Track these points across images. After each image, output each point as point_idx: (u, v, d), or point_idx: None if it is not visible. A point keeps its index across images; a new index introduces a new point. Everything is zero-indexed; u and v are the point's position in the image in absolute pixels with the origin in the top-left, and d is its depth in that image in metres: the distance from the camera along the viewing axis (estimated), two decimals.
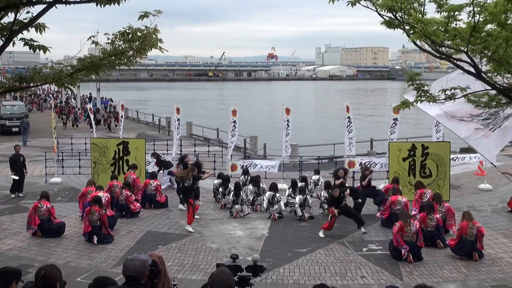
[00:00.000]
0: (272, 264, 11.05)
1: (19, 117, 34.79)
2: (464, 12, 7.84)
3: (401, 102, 10.44)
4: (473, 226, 11.44)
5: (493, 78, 9.11)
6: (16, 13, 7.88)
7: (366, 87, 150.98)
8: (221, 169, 19.49)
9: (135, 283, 4.66)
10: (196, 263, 11.37)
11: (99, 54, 9.34)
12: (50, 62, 11.92)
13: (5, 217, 14.98)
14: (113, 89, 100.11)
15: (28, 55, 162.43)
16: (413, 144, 16.92)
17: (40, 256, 11.77)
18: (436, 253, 11.82)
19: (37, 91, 66.39)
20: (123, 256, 11.52)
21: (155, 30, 9.05)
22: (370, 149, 26.37)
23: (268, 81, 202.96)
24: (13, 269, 5.93)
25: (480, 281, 10.29)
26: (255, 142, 26.98)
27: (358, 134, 20.14)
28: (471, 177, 19.86)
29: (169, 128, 34.48)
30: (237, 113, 19.05)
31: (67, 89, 10.30)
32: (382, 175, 18.09)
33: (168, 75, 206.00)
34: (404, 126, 45.36)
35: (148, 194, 16.05)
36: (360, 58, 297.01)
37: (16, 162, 17.61)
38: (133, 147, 17.71)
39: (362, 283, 10.33)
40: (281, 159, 19.28)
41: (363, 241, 12.86)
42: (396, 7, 8.02)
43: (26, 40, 8.71)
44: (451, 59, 9.11)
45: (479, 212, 15.20)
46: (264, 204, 15.09)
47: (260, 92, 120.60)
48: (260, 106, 73.72)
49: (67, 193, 17.91)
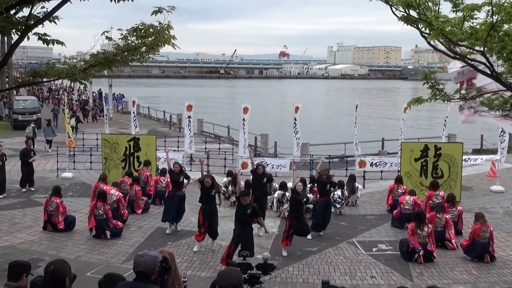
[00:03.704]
0: (281, 262, 11.03)
1: (31, 111, 35.04)
2: (481, 11, 7.76)
3: (413, 98, 10.32)
4: (487, 229, 11.32)
5: (508, 79, 9.01)
6: (31, 8, 7.92)
7: (378, 87, 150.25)
8: (231, 166, 19.50)
9: (146, 279, 4.67)
10: (205, 260, 11.37)
11: (112, 49, 9.35)
12: (63, 58, 11.98)
13: (17, 211, 15.09)
14: (125, 85, 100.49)
15: (41, 50, 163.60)
16: (426, 145, 16.79)
17: (50, 250, 11.83)
18: (446, 255, 11.73)
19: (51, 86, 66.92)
20: (133, 251, 11.55)
21: (168, 26, 9.04)
22: (381, 149, 26.26)
23: (280, 79, 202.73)
24: (24, 263, 5.99)
25: (491, 284, 10.19)
26: (265, 140, 26.95)
27: (369, 133, 20.11)
28: (483, 179, 19.69)
29: (180, 125, 34.57)
30: (248, 111, 18.94)
31: (82, 84, 10.35)
32: (393, 175, 18.00)
33: (179, 72, 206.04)
34: (416, 127, 45.18)
35: (158, 190, 16.10)
36: (372, 57, 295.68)
37: (26, 157, 17.70)
38: (144, 144, 17.75)
39: (372, 283, 10.28)
40: (292, 157, 19.25)
41: (373, 241, 12.79)
42: (413, 2, 7.95)
43: (40, 34, 8.76)
44: (466, 59, 9.03)
45: (491, 214, 15.05)
46: (274, 203, 15.07)
47: (272, 90, 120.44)
48: (271, 104, 73.62)
49: (78, 188, 18.00)
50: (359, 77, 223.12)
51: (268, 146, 26.74)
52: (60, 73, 9.28)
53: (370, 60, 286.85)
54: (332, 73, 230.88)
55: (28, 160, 17.63)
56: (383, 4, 8.56)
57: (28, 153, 17.83)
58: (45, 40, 8.73)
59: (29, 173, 17.69)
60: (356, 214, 15.30)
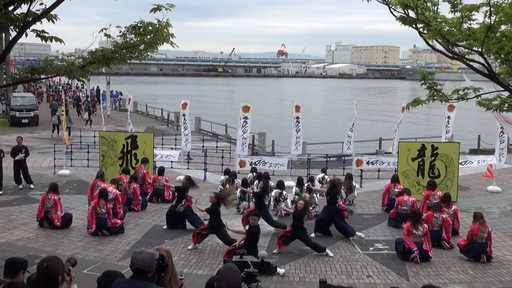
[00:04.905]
0: (278, 261, 11.04)
1: (29, 108, 34.99)
2: (479, 12, 7.77)
3: (413, 100, 10.37)
4: (485, 229, 11.34)
5: (506, 80, 9.04)
6: (30, 5, 7.91)
7: (376, 86, 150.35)
8: (228, 164, 19.50)
9: (143, 276, 4.68)
10: (202, 258, 11.38)
11: (111, 47, 9.35)
12: (61, 55, 11.92)
13: (14, 208, 15.08)
14: (122, 83, 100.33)
15: (38, 47, 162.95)
16: (423, 145, 16.83)
17: (47, 247, 11.83)
18: (443, 254, 11.76)
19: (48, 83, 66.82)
20: (130, 249, 11.56)
21: (167, 24, 9.04)
22: (378, 148, 26.30)
23: (278, 78, 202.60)
24: (21, 259, 5.99)
25: (487, 283, 10.22)
26: (263, 139, 26.97)
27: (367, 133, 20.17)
28: (480, 179, 19.75)
29: (178, 122, 34.57)
30: (250, 109, 18.83)
31: (80, 82, 10.33)
32: (390, 175, 18.02)
33: (177, 70, 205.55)
34: (413, 126, 45.26)
35: (156, 189, 16.12)
36: (370, 57, 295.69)
37: (15, 154, 17.60)
38: (142, 141, 17.73)
39: (368, 282, 10.30)
40: (290, 156, 19.27)
41: (369, 240, 12.82)
42: (411, 3, 7.96)
43: (38, 31, 8.75)
44: (464, 59, 9.05)
45: (488, 214, 15.07)
46: (271, 201, 15.08)
47: (270, 89, 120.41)
48: (269, 103, 73.61)
49: (75, 185, 17.99)
50: (357, 76, 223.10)
51: (265, 144, 26.76)
52: (58, 70, 9.27)
53: (368, 60, 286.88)
54: (330, 72, 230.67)
55: (15, 157, 17.49)
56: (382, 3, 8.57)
57: (18, 150, 17.71)
58: (43, 37, 8.73)
59: (22, 170, 17.58)
60: (353, 213, 15.30)
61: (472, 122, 46.30)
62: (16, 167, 17.61)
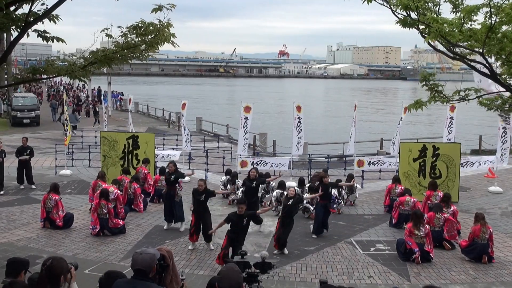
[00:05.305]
0: (279, 261, 11.04)
1: (30, 108, 35.00)
2: (480, 13, 7.76)
3: (414, 101, 10.37)
4: (486, 230, 11.32)
5: (507, 81, 9.04)
6: (31, 5, 7.92)
7: (377, 87, 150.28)
8: (230, 165, 19.49)
9: (144, 276, 4.68)
10: (203, 258, 11.38)
11: (112, 47, 9.35)
12: (62, 55, 11.95)
13: (15, 208, 15.08)
14: (124, 83, 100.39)
15: (40, 47, 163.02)
16: (424, 145, 16.82)
17: (48, 247, 11.84)
18: (444, 255, 11.75)
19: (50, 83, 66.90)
20: (131, 249, 11.56)
21: (168, 24, 9.05)
22: (380, 149, 26.28)
23: (279, 78, 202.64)
24: (22, 260, 6.00)
25: (488, 284, 10.21)
26: (264, 139, 26.95)
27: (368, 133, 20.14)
28: (481, 179, 19.72)
29: (179, 123, 34.58)
30: (251, 110, 18.80)
31: (82, 82, 10.35)
32: (391, 175, 18.01)
33: (179, 70, 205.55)
34: (415, 126, 45.22)
35: (157, 189, 16.11)
36: (371, 57, 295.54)
37: (19, 154, 17.63)
38: (143, 141, 17.74)
39: (369, 282, 10.29)
40: (291, 156, 19.26)
41: (370, 240, 12.81)
42: (411, 5, 7.96)
43: (40, 31, 8.76)
44: (465, 59, 9.04)
45: (489, 214, 15.05)
46: (272, 201, 15.09)
47: (271, 89, 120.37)
48: (270, 103, 73.60)
49: (77, 185, 18.00)
50: (358, 77, 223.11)
51: (266, 145, 26.75)
52: (60, 70, 9.28)
53: (370, 60, 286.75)
54: (332, 72, 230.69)
55: (19, 157, 17.52)
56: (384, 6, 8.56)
57: (23, 151, 17.74)
58: (44, 37, 8.74)
59: (25, 170, 17.59)
60: (354, 213, 15.32)
61: (473, 123, 46.24)
62: (20, 167, 17.62)
